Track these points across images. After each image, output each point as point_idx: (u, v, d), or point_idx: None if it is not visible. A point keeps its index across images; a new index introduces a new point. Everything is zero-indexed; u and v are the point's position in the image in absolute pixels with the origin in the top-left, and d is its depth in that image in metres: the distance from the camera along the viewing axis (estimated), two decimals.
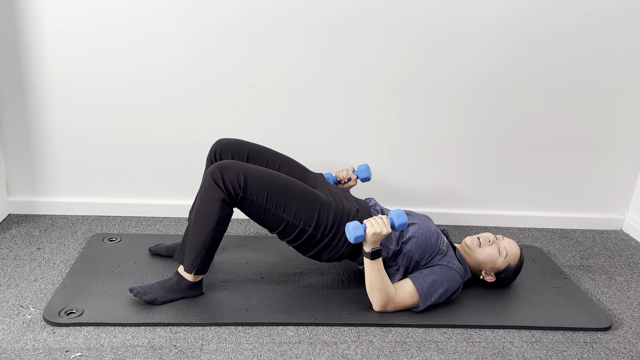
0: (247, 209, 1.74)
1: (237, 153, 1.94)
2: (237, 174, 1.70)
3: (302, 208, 1.74)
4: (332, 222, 1.77)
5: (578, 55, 2.37)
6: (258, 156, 1.95)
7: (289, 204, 1.73)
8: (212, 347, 1.61)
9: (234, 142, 1.96)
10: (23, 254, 2.06)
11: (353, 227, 1.70)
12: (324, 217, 1.76)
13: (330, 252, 1.82)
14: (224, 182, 1.69)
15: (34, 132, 2.28)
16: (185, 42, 2.20)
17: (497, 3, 2.24)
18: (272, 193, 1.72)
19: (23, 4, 2.09)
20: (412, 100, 2.38)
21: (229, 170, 1.70)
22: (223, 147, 1.94)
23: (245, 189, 1.70)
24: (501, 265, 1.93)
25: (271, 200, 1.72)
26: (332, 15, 2.21)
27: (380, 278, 1.77)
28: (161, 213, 2.46)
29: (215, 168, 1.71)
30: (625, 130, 2.54)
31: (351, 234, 1.69)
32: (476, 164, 2.53)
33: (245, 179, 1.70)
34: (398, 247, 1.83)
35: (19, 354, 1.53)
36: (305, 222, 1.75)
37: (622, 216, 2.71)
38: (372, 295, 1.79)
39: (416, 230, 1.86)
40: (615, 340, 1.80)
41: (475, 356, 1.67)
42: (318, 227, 1.76)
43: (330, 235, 1.78)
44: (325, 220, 1.77)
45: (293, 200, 1.74)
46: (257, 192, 1.71)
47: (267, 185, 1.72)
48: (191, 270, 1.74)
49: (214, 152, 1.95)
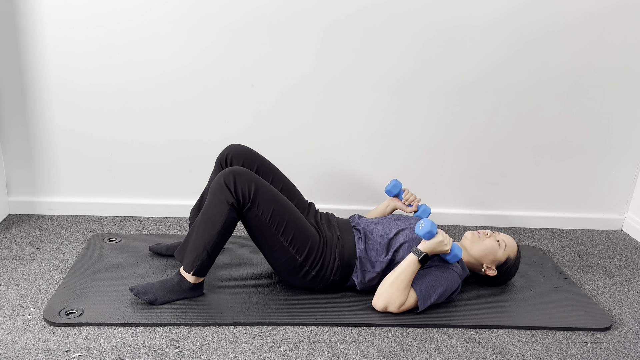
0: (250, 221, 1.75)
1: (248, 163, 1.95)
2: (249, 183, 1.72)
3: (297, 235, 1.78)
4: (320, 254, 1.81)
5: (578, 55, 2.37)
6: (266, 172, 1.97)
7: (288, 228, 1.76)
8: (212, 347, 1.61)
9: (247, 152, 1.97)
10: (23, 254, 2.06)
11: (431, 224, 1.73)
12: (313, 249, 1.81)
13: (320, 282, 1.85)
14: (235, 187, 1.70)
15: (34, 132, 2.28)
16: (185, 41, 2.20)
17: (496, 2, 2.24)
18: (276, 213, 1.75)
19: (23, 4, 2.09)
20: (411, 100, 2.38)
21: (242, 177, 1.72)
22: (235, 154, 1.95)
23: (254, 201, 1.71)
24: (501, 257, 1.94)
25: (274, 219, 1.74)
26: (331, 14, 2.21)
27: (408, 280, 1.77)
28: (161, 213, 2.46)
29: (228, 172, 1.72)
30: (625, 130, 2.54)
31: (425, 227, 1.73)
32: (476, 163, 2.53)
33: (256, 190, 1.72)
34: (390, 256, 1.85)
35: (19, 354, 1.53)
36: (298, 250, 1.78)
37: (622, 216, 2.71)
38: (385, 290, 1.78)
39: (407, 235, 1.88)
40: (615, 340, 1.80)
41: (475, 356, 1.67)
42: (307, 258, 1.80)
43: (317, 267, 1.82)
44: (314, 252, 1.81)
45: (292, 225, 1.77)
46: (264, 208, 1.73)
47: (273, 204, 1.75)
48: (190, 269, 1.74)
49: (225, 156, 1.96)
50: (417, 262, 1.76)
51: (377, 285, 1.86)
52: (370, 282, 1.87)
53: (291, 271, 1.82)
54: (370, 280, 1.86)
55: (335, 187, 2.50)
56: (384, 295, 1.78)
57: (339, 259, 1.83)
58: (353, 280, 1.88)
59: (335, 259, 1.83)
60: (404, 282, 1.77)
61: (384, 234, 1.88)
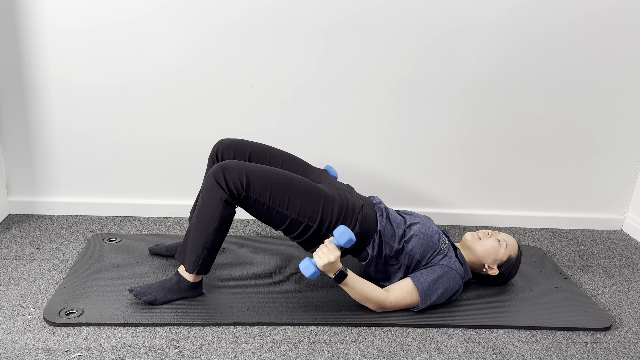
0: (251, 208, 1.74)
1: (239, 152, 1.94)
2: (240, 173, 1.70)
3: (305, 204, 1.74)
4: (336, 217, 1.77)
5: (578, 55, 2.37)
6: (260, 155, 1.95)
7: (292, 200, 1.73)
8: (212, 347, 1.61)
9: (236, 142, 1.96)
10: (23, 254, 2.06)
11: (303, 269, 1.68)
12: (328, 212, 1.76)
13: None
14: (226, 182, 1.69)
15: (34, 132, 2.28)
16: (185, 42, 2.20)
17: (496, 3, 2.24)
18: (275, 191, 1.72)
19: (23, 4, 2.09)
20: (412, 101, 2.38)
21: (231, 171, 1.70)
22: (225, 147, 1.94)
23: (248, 189, 1.70)
24: (503, 256, 1.94)
25: (274, 198, 1.72)
26: (332, 15, 2.21)
27: (359, 293, 1.76)
28: (161, 213, 2.46)
29: (217, 169, 1.71)
30: (625, 130, 2.54)
31: (306, 274, 1.67)
32: (476, 164, 2.53)
33: (248, 178, 1.70)
34: (400, 245, 1.83)
35: (19, 354, 1.53)
36: (310, 218, 1.75)
37: (622, 216, 2.71)
38: (365, 303, 1.80)
39: (418, 229, 1.86)
40: (615, 340, 1.80)
41: (475, 356, 1.67)
42: (323, 223, 1.76)
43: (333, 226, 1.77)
44: (330, 215, 1.76)
45: (296, 196, 1.74)
46: (260, 191, 1.71)
47: (269, 184, 1.72)
48: (192, 270, 1.74)
49: (215, 153, 1.95)
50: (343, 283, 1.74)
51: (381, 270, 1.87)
52: (378, 260, 1.84)
53: (309, 239, 1.79)
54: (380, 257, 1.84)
55: None
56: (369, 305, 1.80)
57: (359, 226, 1.79)
58: (367, 253, 1.84)
59: (355, 225, 1.79)
60: (361, 295, 1.77)
61: (401, 223, 1.88)
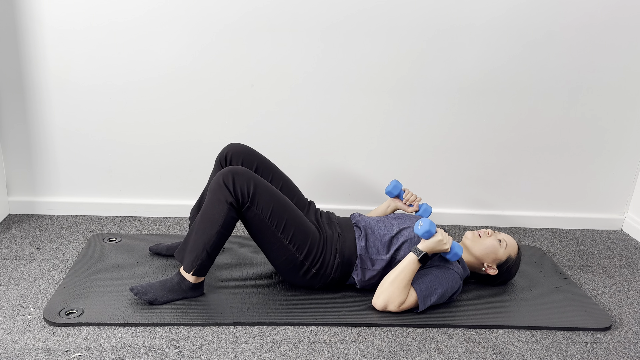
0: (250, 220, 1.75)
1: (247, 162, 1.95)
2: (248, 182, 1.72)
3: (297, 234, 1.78)
4: (321, 252, 1.82)
5: (578, 55, 2.37)
6: (265, 170, 1.97)
7: (287, 226, 1.77)
8: (212, 347, 1.61)
9: (246, 150, 1.97)
10: (23, 254, 2.06)
11: (430, 223, 1.74)
12: (314, 247, 1.81)
13: (320, 280, 1.85)
14: (234, 186, 1.70)
15: (34, 132, 2.28)
16: (185, 42, 2.20)
17: (496, 2, 2.24)
18: (276, 211, 1.75)
19: (23, 4, 2.09)
20: (411, 100, 2.38)
21: (240, 177, 1.72)
22: (235, 153, 1.95)
23: (253, 199, 1.71)
24: (502, 256, 1.94)
25: (273, 218, 1.74)
26: (332, 15, 2.21)
27: (408, 279, 1.78)
28: (161, 213, 2.46)
29: (227, 172, 1.72)
30: (625, 130, 2.54)
31: (424, 226, 1.73)
32: (476, 163, 2.53)
33: (255, 189, 1.72)
34: (390, 254, 1.85)
35: (19, 354, 1.53)
36: (298, 248, 1.79)
37: (622, 216, 2.71)
38: (385, 289, 1.78)
39: (408, 234, 1.88)
40: (615, 340, 1.80)
41: (475, 356, 1.67)
42: (307, 256, 1.80)
43: (317, 265, 1.82)
44: (315, 250, 1.81)
45: (292, 224, 1.77)
46: (263, 206, 1.73)
47: (272, 202, 1.75)
48: (190, 269, 1.74)
49: (224, 155, 1.96)
50: (417, 261, 1.76)
51: (377, 284, 1.86)
52: (370, 280, 1.87)
53: (292, 269, 1.82)
54: (371, 278, 1.86)
55: (336, 187, 2.50)
56: (383, 294, 1.78)
57: (339, 256, 1.83)
58: (353, 278, 1.88)
59: (335, 256, 1.83)
60: (404, 282, 1.77)
61: (386, 232, 1.88)
